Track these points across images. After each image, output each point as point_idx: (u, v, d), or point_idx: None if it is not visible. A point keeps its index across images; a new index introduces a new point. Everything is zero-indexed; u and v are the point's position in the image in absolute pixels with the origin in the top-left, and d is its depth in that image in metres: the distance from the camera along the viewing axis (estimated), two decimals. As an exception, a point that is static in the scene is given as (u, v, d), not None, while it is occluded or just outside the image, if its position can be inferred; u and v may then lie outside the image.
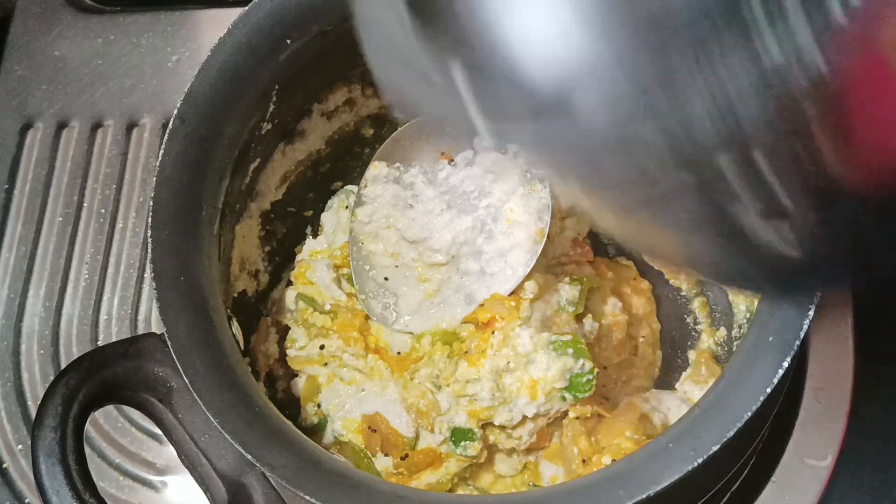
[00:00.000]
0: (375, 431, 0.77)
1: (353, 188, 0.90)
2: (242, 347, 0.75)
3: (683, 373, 0.85)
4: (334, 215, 0.89)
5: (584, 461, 0.77)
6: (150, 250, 0.66)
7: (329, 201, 0.90)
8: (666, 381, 0.86)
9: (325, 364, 0.81)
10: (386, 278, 0.83)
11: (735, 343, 0.85)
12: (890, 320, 0.91)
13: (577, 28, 0.38)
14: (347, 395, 0.79)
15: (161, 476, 0.91)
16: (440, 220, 0.83)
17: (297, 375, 0.83)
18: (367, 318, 0.83)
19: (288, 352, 0.83)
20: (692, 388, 0.83)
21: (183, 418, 0.66)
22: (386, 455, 0.76)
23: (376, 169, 0.84)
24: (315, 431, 0.79)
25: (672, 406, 0.81)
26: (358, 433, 0.77)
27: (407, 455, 0.76)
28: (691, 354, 0.85)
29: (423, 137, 0.84)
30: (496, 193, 0.83)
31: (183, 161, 0.70)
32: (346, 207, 0.89)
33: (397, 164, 0.84)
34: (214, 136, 0.72)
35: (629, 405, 0.79)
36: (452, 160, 0.84)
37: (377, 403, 0.78)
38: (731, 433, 0.58)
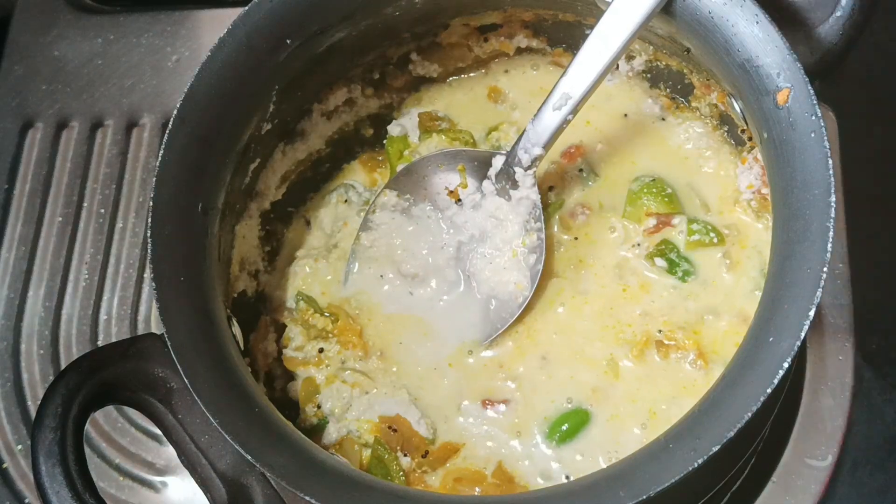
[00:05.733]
0: (396, 431, 0.77)
1: (353, 182, 0.90)
2: (242, 347, 0.75)
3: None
4: (332, 210, 0.89)
5: None
6: (150, 250, 0.66)
7: (327, 197, 0.90)
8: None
9: (326, 365, 0.81)
10: None
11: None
12: (890, 320, 0.91)
13: None
14: (353, 397, 0.79)
15: (161, 476, 0.91)
16: (436, 260, 0.82)
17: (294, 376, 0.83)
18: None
19: (284, 351, 0.82)
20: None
21: (183, 419, 0.66)
22: (405, 455, 0.77)
23: (386, 196, 0.84)
24: (315, 432, 0.79)
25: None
26: (376, 433, 0.77)
27: (427, 452, 0.77)
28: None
29: (436, 174, 0.84)
30: (495, 240, 0.82)
31: (183, 161, 0.70)
32: (346, 202, 0.88)
33: (408, 196, 0.84)
34: (214, 136, 0.72)
35: None
36: (460, 200, 0.83)
37: (391, 405, 0.78)
38: (732, 433, 0.58)
